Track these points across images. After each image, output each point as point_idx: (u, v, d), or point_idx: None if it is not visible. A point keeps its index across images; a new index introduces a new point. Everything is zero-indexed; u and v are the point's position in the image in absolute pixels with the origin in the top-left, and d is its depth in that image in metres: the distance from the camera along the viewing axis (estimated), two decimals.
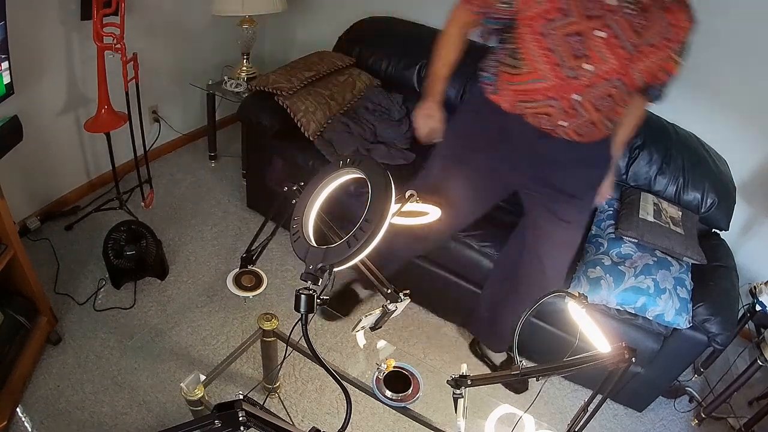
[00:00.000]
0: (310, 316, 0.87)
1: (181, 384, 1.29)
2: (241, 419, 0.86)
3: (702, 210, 2.10)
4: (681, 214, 2.02)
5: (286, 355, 1.22)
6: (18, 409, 1.66)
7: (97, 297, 2.10)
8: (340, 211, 2.04)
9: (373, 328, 1.31)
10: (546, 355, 2.04)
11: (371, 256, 0.89)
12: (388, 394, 1.38)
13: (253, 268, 1.52)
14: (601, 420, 2.02)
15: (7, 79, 1.65)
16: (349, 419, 0.93)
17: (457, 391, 1.27)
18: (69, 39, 2.17)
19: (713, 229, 2.17)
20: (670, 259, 1.89)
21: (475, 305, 2.05)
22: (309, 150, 2.28)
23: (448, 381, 1.28)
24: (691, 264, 1.92)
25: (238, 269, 1.52)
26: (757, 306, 1.91)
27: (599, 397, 1.09)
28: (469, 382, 1.25)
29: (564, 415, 2.00)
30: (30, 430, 1.64)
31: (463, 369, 1.29)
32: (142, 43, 2.38)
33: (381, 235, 0.84)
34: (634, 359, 1.01)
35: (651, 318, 1.80)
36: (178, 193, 2.74)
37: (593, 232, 2.05)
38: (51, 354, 1.86)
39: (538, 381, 2.00)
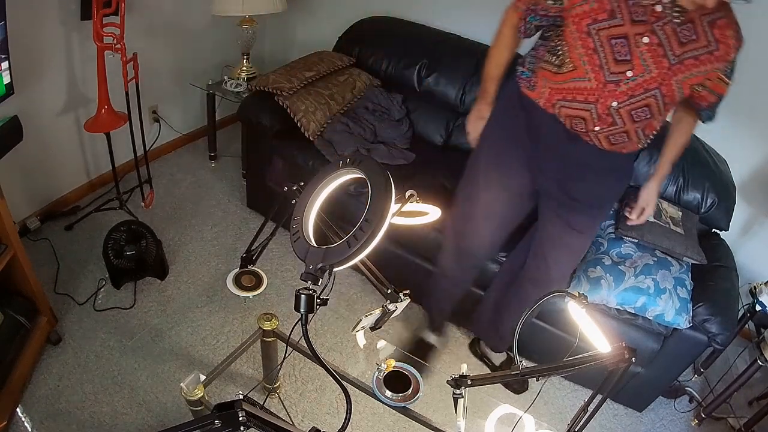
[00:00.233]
0: (310, 316, 0.87)
1: (181, 384, 1.29)
2: (241, 419, 0.86)
3: (702, 210, 2.10)
4: (681, 214, 2.02)
5: (286, 355, 1.22)
6: (18, 409, 1.66)
7: (97, 297, 2.10)
8: (340, 211, 2.05)
9: (373, 328, 1.31)
10: (546, 355, 2.05)
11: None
12: (388, 394, 1.38)
13: (253, 268, 1.52)
14: (601, 420, 2.02)
15: (7, 79, 1.65)
16: (349, 419, 0.93)
17: (457, 391, 1.27)
18: (69, 39, 2.17)
19: (713, 229, 2.17)
20: (670, 259, 1.89)
21: (479, 306, 2.05)
22: (309, 150, 2.28)
23: (448, 381, 1.28)
24: (691, 264, 1.92)
25: (238, 269, 1.52)
26: (757, 306, 1.91)
27: (599, 397, 1.09)
28: (469, 382, 1.25)
29: (564, 415, 2.00)
30: (30, 430, 1.64)
31: (463, 369, 1.29)
32: (142, 43, 2.38)
33: (381, 235, 0.84)
34: (634, 359, 1.01)
35: (651, 318, 1.80)
36: (178, 193, 2.74)
37: None
38: (51, 354, 1.86)
39: (538, 381, 2.00)
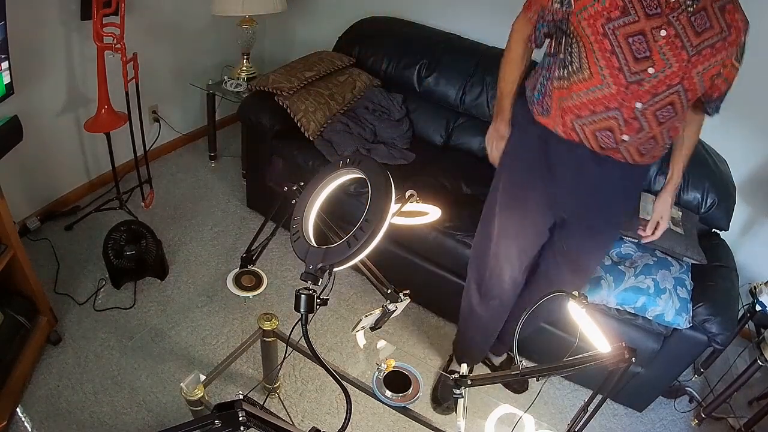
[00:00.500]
0: (310, 316, 0.87)
1: (181, 384, 1.29)
2: (241, 419, 0.86)
3: (702, 210, 2.10)
4: (681, 214, 2.02)
5: (286, 355, 1.22)
6: (18, 409, 1.66)
7: (97, 297, 2.10)
8: (340, 211, 2.05)
9: (373, 328, 1.31)
10: (546, 355, 2.05)
11: None
12: (388, 394, 1.38)
13: (253, 268, 1.52)
14: (601, 420, 2.02)
15: (7, 79, 1.65)
16: (349, 419, 0.93)
17: (457, 391, 1.27)
18: (69, 39, 2.17)
19: (713, 229, 2.17)
20: (670, 259, 1.89)
21: None
22: (309, 150, 2.28)
23: (448, 381, 1.28)
24: (691, 264, 1.92)
25: (238, 269, 1.52)
26: (757, 306, 1.91)
27: (599, 397, 1.09)
28: (469, 382, 1.25)
29: (564, 415, 2.00)
30: (30, 430, 1.64)
31: (463, 369, 1.29)
32: (142, 43, 2.38)
33: (381, 235, 0.84)
34: (634, 359, 1.01)
35: (651, 318, 1.80)
36: (178, 193, 2.74)
37: None
38: (51, 354, 1.86)
39: (538, 381, 2.00)
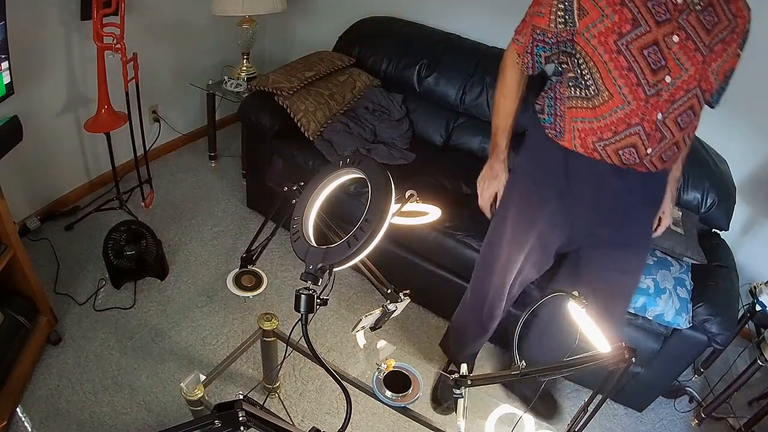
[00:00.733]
0: (310, 316, 0.87)
1: (181, 384, 1.29)
2: (241, 419, 0.86)
3: (702, 210, 2.10)
4: (681, 214, 2.02)
5: (286, 355, 1.22)
6: (18, 409, 1.66)
7: (97, 297, 2.10)
8: (340, 211, 2.05)
9: (373, 328, 1.31)
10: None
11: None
12: (388, 394, 1.38)
13: (253, 268, 1.52)
14: (601, 420, 2.02)
15: (7, 79, 1.65)
16: (349, 419, 0.93)
17: (457, 391, 1.27)
18: (69, 39, 2.17)
19: (713, 229, 2.17)
20: (670, 259, 1.89)
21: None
22: (309, 150, 2.28)
23: (448, 381, 1.28)
24: (691, 264, 1.91)
25: (238, 269, 1.52)
26: (757, 306, 1.91)
27: (599, 397, 1.09)
28: (469, 382, 1.25)
29: (564, 415, 2.00)
30: (30, 430, 1.64)
31: (463, 369, 1.29)
32: (142, 43, 2.38)
33: (381, 235, 0.84)
34: (634, 359, 1.01)
35: (651, 318, 1.80)
36: (178, 193, 2.74)
37: None
38: (51, 354, 1.86)
39: (537, 381, 2.00)
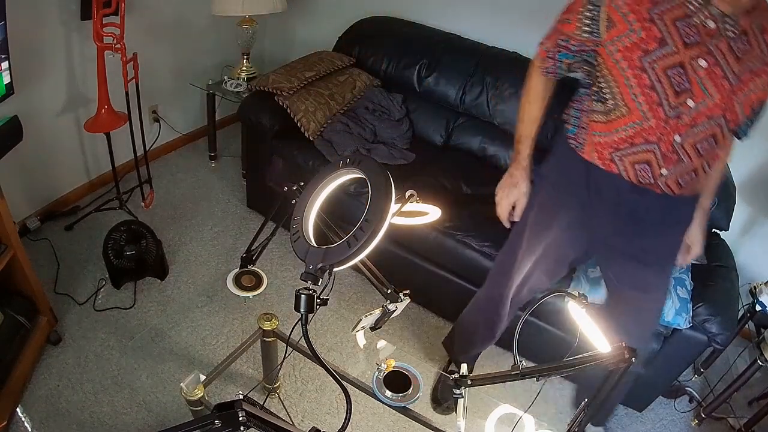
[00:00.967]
0: (310, 316, 0.87)
1: (181, 384, 1.29)
2: (241, 419, 0.86)
3: None
4: None
5: (286, 355, 1.22)
6: (18, 409, 1.66)
7: (97, 297, 2.10)
8: (340, 211, 2.05)
9: (373, 328, 1.31)
10: (546, 355, 2.04)
11: None
12: (388, 394, 1.38)
13: (253, 268, 1.52)
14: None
15: (7, 79, 1.65)
16: (349, 419, 0.92)
17: (457, 391, 1.27)
18: (69, 39, 2.17)
19: (713, 229, 2.17)
20: None
21: None
22: (309, 150, 2.28)
23: (448, 381, 1.28)
24: (691, 264, 1.91)
25: (238, 269, 1.52)
26: (757, 306, 1.91)
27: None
28: (469, 382, 1.25)
29: (564, 415, 2.00)
30: (30, 430, 1.64)
31: (463, 369, 1.29)
32: (142, 43, 2.38)
33: (381, 235, 0.84)
34: (634, 359, 1.01)
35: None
36: (178, 193, 2.73)
37: None
38: (51, 354, 1.86)
39: (537, 381, 2.00)
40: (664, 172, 1.22)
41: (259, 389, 1.86)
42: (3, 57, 1.60)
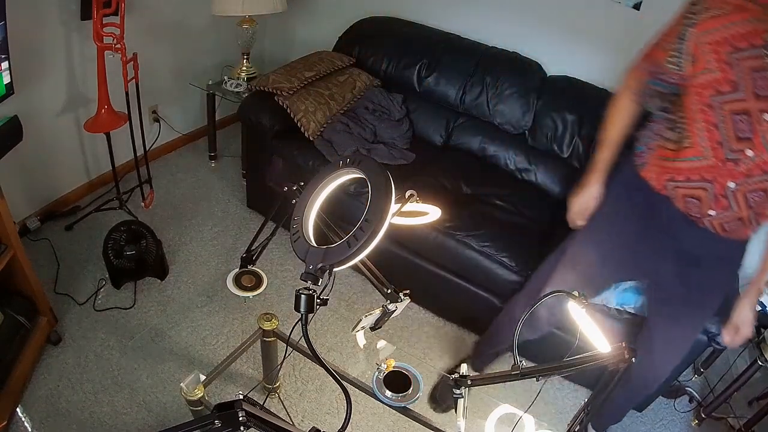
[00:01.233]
0: (310, 316, 0.87)
1: (181, 384, 1.29)
2: (241, 419, 0.86)
3: None
4: None
5: (286, 355, 1.22)
6: (18, 409, 1.66)
7: (97, 297, 2.10)
8: (340, 211, 2.05)
9: (373, 328, 1.31)
10: (546, 355, 2.04)
11: None
12: (388, 394, 1.38)
13: (253, 268, 1.52)
14: None
15: (7, 79, 1.65)
16: (349, 419, 0.92)
17: (457, 391, 1.27)
18: (69, 39, 2.17)
19: None
20: None
21: None
22: (309, 150, 2.28)
23: (448, 381, 1.28)
24: None
25: (238, 269, 1.52)
26: (757, 306, 1.91)
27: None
28: (469, 382, 1.25)
29: (564, 415, 2.00)
30: (30, 430, 1.64)
31: (463, 369, 1.29)
32: (142, 43, 2.38)
33: (381, 235, 0.84)
34: (634, 359, 1.01)
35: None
36: (178, 193, 2.73)
37: None
38: (51, 354, 1.86)
39: (538, 381, 2.00)
40: (711, 212, 1.24)
41: (259, 389, 1.86)
42: (3, 57, 1.60)
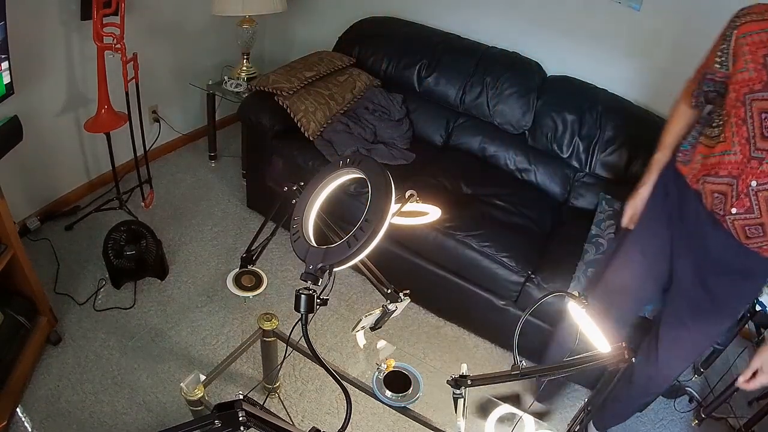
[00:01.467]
0: (310, 316, 0.87)
1: (181, 384, 1.29)
2: (241, 419, 0.86)
3: None
4: None
5: (286, 355, 1.22)
6: (18, 409, 1.66)
7: (97, 297, 2.10)
8: (340, 211, 2.05)
9: (373, 328, 1.31)
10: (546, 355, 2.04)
11: None
12: (388, 394, 1.38)
13: (253, 268, 1.52)
14: None
15: (7, 79, 1.65)
16: (349, 419, 0.92)
17: (457, 391, 1.27)
18: (69, 39, 2.17)
19: None
20: None
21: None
22: (309, 150, 2.28)
23: (448, 381, 1.28)
24: None
25: (238, 269, 1.52)
26: (757, 306, 1.91)
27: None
28: (469, 382, 1.25)
29: (564, 415, 2.00)
30: (30, 430, 1.64)
31: (463, 369, 1.29)
32: (142, 43, 2.38)
33: (381, 235, 0.84)
34: (634, 359, 1.01)
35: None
36: (178, 193, 2.74)
37: (593, 232, 2.05)
38: (51, 354, 1.86)
39: (537, 381, 2.00)
40: (733, 210, 1.23)
41: (259, 389, 1.86)
42: (3, 57, 1.60)
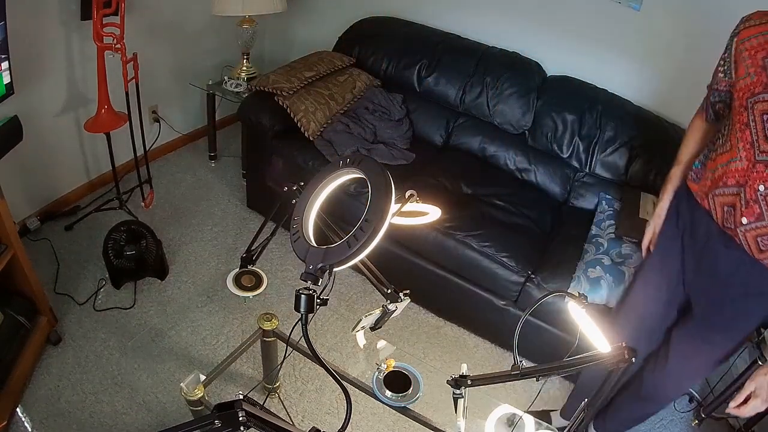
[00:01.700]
0: (310, 316, 0.87)
1: (181, 384, 1.29)
2: (241, 419, 0.86)
3: None
4: None
5: (286, 355, 1.22)
6: (18, 409, 1.66)
7: (97, 297, 2.10)
8: (340, 211, 2.05)
9: (373, 328, 1.31)
10: (546, 355, 2.04)
11: None
12: (388, 394, 1.38)
13: (253, 268, 1.52)
14: None
15: (7, 79, 1.65)
16: (349, 419, 0.93)
17: (457, 391, 1.27)
18: (69, 39, 2.17)
19: None
20: None
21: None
22: (309, 150, 2.28)
23: (448, 381, 1.28)
24: None
25: (238, 269, 1.52)
26: None
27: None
28: (469, 382, 1.25)
29: None
30: (30, 430, 1.64)
31: (463, 369, 1.29)
32: (142, 43, 2.38)
33: (381, 235, 0.84)
34: (634, 359, 1.01)
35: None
36: (178, 193, 2.74)
37: (593, 232, 2.05)
38: (51, 354, 1.86)
39: (537, 381, 2.00)
40: (744, 221, 1.21)
41: (259, 389, 1.86)
42: (3, 57, 1.60)
